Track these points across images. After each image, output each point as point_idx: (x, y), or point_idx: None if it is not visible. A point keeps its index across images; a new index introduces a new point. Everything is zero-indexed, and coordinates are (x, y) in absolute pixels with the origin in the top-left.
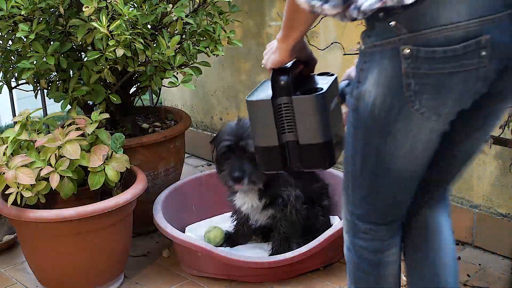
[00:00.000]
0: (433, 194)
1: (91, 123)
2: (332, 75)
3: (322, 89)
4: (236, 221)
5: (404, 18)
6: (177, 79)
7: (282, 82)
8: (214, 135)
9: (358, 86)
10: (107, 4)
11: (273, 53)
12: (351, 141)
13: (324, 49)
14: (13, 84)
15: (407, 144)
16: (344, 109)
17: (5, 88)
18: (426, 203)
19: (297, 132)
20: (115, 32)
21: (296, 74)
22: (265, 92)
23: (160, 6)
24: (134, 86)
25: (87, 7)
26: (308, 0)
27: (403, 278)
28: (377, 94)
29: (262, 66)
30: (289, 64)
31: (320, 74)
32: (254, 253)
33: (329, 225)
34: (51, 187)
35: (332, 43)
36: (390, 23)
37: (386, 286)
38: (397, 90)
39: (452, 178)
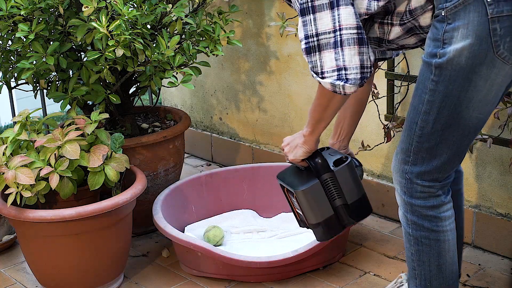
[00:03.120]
0: None
1: (91, 123)
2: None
3: (347, 157)
4: None
5: None
6: (177, 79)
7: (320, 163)
8: (214, 135)
9: (443, 46)
10: (107, 4)
11: (299, 147)
12: (426, 98)
13: None
14: (13, 84)
15: (484, 90)
16: None
17: (4, 88)
18: None
19: (344, 196)
20: (115, 32)
21: None
22: (302, 178)
23: (159, 6)
24: (134, 86)
25: (87, 7)
26: (332, 81)
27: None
28: (464, 46)
29: (287, 161)
30: None
31: (321, 149)
32: (254, 253)
33: None
34: (51, 187)
35: None
36: None
37: (446, 248)
38: (484, 37)
39: None
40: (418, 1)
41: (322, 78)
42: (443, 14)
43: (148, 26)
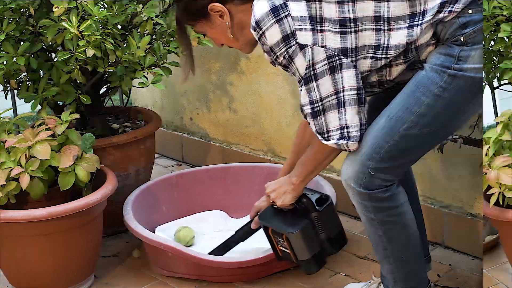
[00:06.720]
0: None
1: (61, 124)
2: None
3: (327, 196)
4: None
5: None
6: (147, 80)
7: (307, 204)
8: (184, 135)
9: (458, 62)
10: (77, 4)
11: (288, 193)
12: (427, 101)
13: None
14: None
15: (482, 105)
16: None
17: None
18: None
19: (328, 230)
20: (85, 33)
21: None
22: (290, 220)
23: (130, 7)
24: (104, 86)
25: (57, 7)
26: (336, 142)
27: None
28: (481, 66)
29: (275, 206)
30: None
31: None
32: None
33: None
34: (21, 188)
35: None
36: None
37: (409, 218)
38: None
39: None
40: (424, 38)
41: (328, 139)
42: (462, 39)
43: (119, 27)
